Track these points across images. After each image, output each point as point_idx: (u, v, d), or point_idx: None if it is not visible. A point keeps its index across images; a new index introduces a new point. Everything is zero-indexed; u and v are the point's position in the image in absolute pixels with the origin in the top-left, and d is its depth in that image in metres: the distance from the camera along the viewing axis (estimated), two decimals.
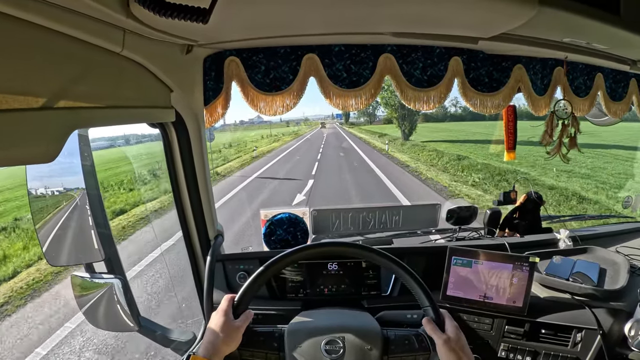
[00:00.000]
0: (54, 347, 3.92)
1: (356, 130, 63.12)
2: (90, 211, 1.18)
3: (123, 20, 0.77)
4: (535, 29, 1.09)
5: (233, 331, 0.95)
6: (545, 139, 1.57)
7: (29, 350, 3.91)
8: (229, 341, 0.94)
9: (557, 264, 1.44)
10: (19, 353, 3.91)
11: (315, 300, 1.41)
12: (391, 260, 1.05)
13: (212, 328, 0.95)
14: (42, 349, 3.92)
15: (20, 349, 3.99)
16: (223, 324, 0.95)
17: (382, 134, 40.40)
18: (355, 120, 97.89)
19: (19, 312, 4.88)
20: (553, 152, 1.59)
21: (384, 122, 74.32)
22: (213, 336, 0.94)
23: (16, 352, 3.95)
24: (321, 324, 1.04)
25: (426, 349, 0.98)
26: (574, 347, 1.21)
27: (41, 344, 4.01)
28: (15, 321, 4.63)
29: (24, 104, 0.63)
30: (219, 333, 0.94)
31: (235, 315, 0.99)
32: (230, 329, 0.95)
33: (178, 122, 1.25)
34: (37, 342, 4.06)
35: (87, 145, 1.18)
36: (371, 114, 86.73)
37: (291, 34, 1.16)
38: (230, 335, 0.95)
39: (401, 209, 1.79)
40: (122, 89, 0.95)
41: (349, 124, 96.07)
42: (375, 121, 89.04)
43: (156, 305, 4.56)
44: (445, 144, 25.57)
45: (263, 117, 47.70)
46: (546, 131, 1.57)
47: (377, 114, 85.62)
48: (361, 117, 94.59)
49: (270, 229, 1.67)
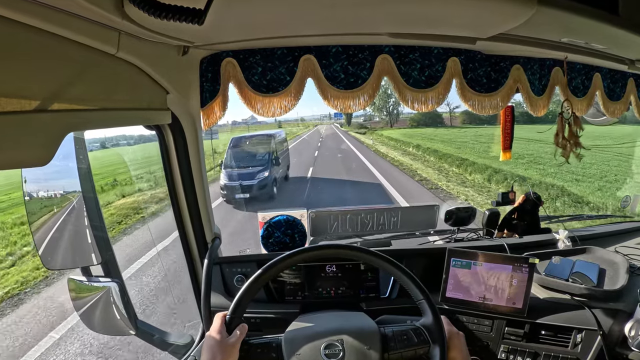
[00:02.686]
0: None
1: (369, 138, 38.05)
2: (86, 214, 1.17)
3: (118, 21, 0.76)
4: (533, 29, 1.09)
5: (228, 349, 0.94)
6: (558, 141, 1.55)
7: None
8: (226, 359, 0.93)
9: (556, 264, 1.44)
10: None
11: (313, 302, 1.40)
12: (386, 260, 1.04)
13: (207, 350, 0.94)
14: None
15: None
16: (217, 343, 0.94)
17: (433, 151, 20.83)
18: (363, 122, 66.78)
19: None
20: (566, 154, 1.56)
21: (411, 123, 53.67)
22: (209, 358, 0.93)
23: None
24: (318, 328, 1.03)
25: (425, 342, 0.98)
26: (574, 348, 1.21)
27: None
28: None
29: (17, 107, 0.63)
30: (215, 353, 0.92)
31: (229, 331, 0.98)
32: (226, 347, 0.94)
33: (174, 124, 1.24)
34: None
35: (83, 148, 1.17)
36: (391, 112, 58.14)
37: (288, 34, 1.15)
38: (226, 353, 0.93)
39: (399, 211, 1.79)
40: (117, 91, 0.94)
41: (359, 126, 62.36)
42: (396, 122, 58.13)
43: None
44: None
45: (257, 118, 38.80)
46: (557, 134, 1.55)
47: (402, 110, 56.78)
48: (375, 115, 62.38)
49: (268, 231, 1.66)
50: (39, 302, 5.25)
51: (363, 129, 57.26)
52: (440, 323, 0.99)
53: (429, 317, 1.00)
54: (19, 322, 4.71)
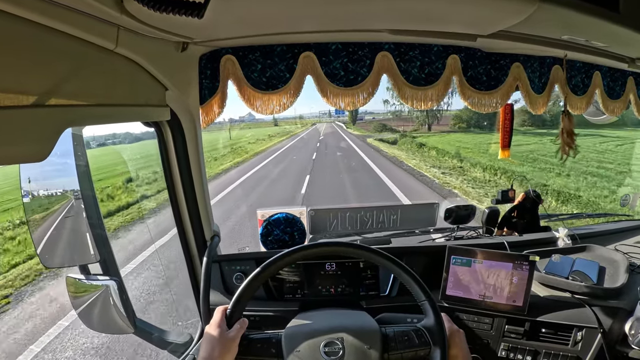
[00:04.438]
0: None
1: (408, 152, 21.93)
2: (85, 212, 1.16)
3: (117, 16, 0.75)
4: (534, 26, 1.09)
5: (228, 342, 0.94)
6: (563, 139, 1.54)
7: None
8: (225, 353, 0.93)
9: (556, 262, 1.44)
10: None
11: (313, 300, 1.40)
12: (388, 259, 1.03)
13: (206, 342, 0.94)
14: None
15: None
16: (217, 336, 0.94)
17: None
18: (382, 120, 48.89)
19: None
20: (567, 151, 1.55)
21: (458, 124, 37.44)
22: (208, 351, 0.92)
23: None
24: (318, 326, 1.03)
25: (426, 344, 0.97)
26: (574, 345, 1.20)
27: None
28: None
29: (14, 102, 0.62)
30: (214, 347, 0.92)
31: (229, 325, 0.97)
32: (225, 341, 0.93)
33: (173, 121, 1.24)
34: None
35: (81, 145, 1.16)
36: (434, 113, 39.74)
37: (287, 31, 1.15)
38: (226, 347, 0.93)
39: (399, 209, 1.78)
40: (116, 87, 0.94)
41: (378, 128, 44.62)
42: (435, 123, 40.75)
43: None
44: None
45: (255, 115, 32.03)
46: (562, 132, 1.54)
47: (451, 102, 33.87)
48: (403, 112, 41.13)
49: (267, 229, 1.65)
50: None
51: (388, 132, 36.33)
52: (442, 325, 0.98)
53: (431, 319, 0.99)
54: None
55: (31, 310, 4.90)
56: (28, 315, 4.77)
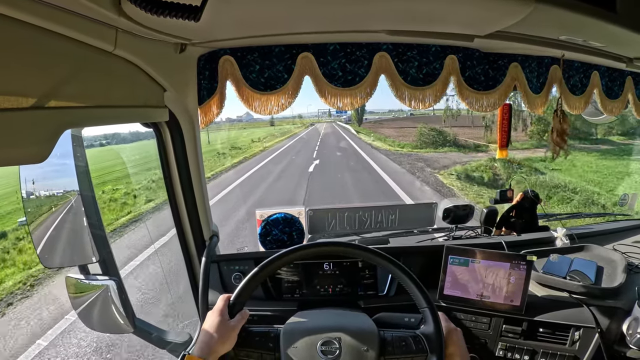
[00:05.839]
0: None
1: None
2: (84, 212, 1.17)
3: (115, 18, 0.76)
4: (531, 27, 1.09)
5: (228, 331, 0.94)
6: (553, 138, 1.54)
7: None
8: (224, 341, 0.93)
9: (554, 262, 1.44)
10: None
11: (311, 300, 1.40)
12: (387, 260, 1.04)
13: (207, 328, 0.95)
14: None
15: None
16: (218, 323, 0.94)
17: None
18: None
19: None
20: (558, 151, 1.55)
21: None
22: (208, 336, 0.93)
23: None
24: (317, 324, 1.03)
25: (423, 351, 0.97)
26: (572, 345, 1.21)
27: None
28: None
29: (14, 104, 0.62)
30: (214, 333, 0.93)
31: (231, 314, 0.98)
32: (226, 329, 0.94)
33: (172, 122, 1.24)
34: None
35: (81, 146, 1.17)
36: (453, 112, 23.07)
37: (285, 32, 1.15)
38: (226, 335, 0.94)
39: (397, 208, 1.78)
40: (114, 89, 0.94)
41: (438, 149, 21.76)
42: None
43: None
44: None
45: (253, 115, 30.82)
46: (553, 131, 1.54)
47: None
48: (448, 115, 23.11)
49: (265, 229, 1.65)
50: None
51: (453, 148, 21.77)
52: (441, 334, 0.98)
53: (430, 327, 0.99)
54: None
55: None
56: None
